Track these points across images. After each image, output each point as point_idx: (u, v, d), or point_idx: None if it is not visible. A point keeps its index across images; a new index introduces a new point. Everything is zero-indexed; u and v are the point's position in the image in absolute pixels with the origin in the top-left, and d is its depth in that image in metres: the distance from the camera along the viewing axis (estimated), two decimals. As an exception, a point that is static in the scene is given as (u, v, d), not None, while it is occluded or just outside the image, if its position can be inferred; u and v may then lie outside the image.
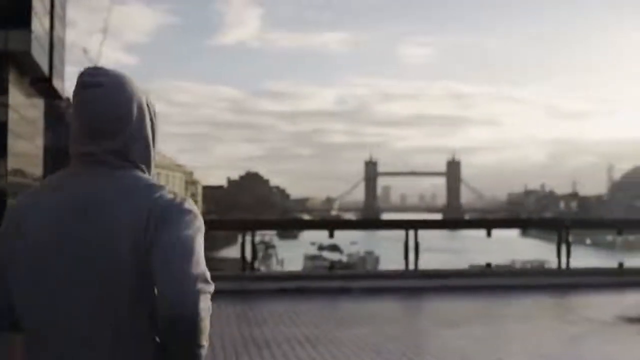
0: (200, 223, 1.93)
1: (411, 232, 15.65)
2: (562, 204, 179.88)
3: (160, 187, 1.97)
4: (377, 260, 76.07)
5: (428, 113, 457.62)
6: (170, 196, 1.95)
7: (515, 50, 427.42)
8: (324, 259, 74.62)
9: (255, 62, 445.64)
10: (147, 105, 2.07)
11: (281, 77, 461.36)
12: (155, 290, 1.84)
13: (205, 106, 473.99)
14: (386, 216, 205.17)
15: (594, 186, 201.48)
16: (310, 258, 75.55)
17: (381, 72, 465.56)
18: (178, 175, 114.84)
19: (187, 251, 1.83)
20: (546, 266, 58.55)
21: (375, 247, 79.99)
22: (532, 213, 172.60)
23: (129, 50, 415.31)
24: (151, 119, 2.07)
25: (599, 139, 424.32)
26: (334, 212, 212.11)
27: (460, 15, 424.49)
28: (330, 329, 9.94)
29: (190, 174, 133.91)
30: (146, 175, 2.02)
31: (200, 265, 1.83)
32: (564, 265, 15.63)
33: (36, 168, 43.97)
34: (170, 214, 1.90)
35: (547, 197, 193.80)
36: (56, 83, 42.61)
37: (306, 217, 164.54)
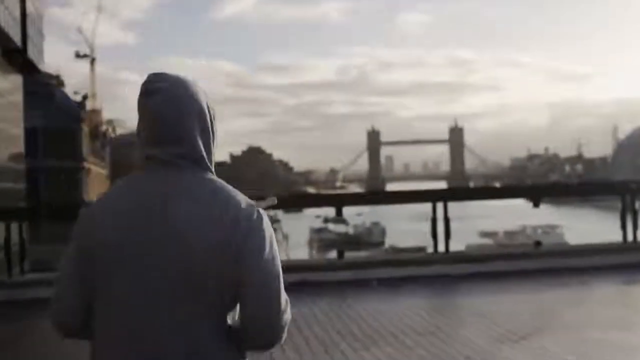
0: (272, 233, 2.01)
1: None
2: (567, 167, 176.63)
3: (235, 193, 2.01)
4: (383, 231, 73.79)
5: (429, 81, 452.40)
6: (247, 205, 1.98)
7: (515, 14, 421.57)
8: (330, 232, 72.43)
9: (254, 35, 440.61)
10: (208, 107, 2.10)
11: (281, 50, 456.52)
12: (239, 305, 1.95)
13: (205, 82, 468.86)
14: (390, 186, 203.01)
15: (599, 148, 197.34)
16: (315, 231, 73.33)
17: (381, 41, 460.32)
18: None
19: (277, 281, 1.94)
20: (558, 231, 55.95)
21: (381, 218, 77.20)
22: (536, 177, 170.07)
23: (127, 28, 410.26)
24: (211, 121, 2.09)
25: (600, 100, 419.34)
26: (338, 184, 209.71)
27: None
28: (342, 349, 6.94)
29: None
30: (216, 178, 2.04)
31: (284, 293, 1.96)
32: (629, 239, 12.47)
33: (15, 148, 40.82)
34: (255, 230, 1.95)
35: (551, 160, 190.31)
36: (32, 55, 39.21)
37: (310, 189, 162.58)
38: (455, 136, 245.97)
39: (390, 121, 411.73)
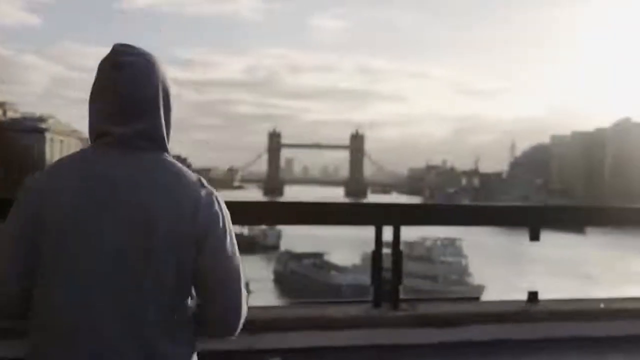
0: (229, 217, 1.99)
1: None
2: (463, 180, 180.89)
3: (193, 178, 1.96)
4: (279, 234, 73.07)
5: (337, 87, 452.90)
6: (207, 194, 1.95)
7: (427, 26, 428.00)
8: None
9: (165, 28, 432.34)
10: (168, 86, 2.04)
11: (189, 44, 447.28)
12: (201, 294, 1.95)
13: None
14: (289, 188, 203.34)
15: (495, 163, 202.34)
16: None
17: (293, 43, 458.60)
18: (73, 141, 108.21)
19: (238, 270, 1.96)
20: (457, 244, 55.47)
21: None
22: (433, 188, 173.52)
23: (32, 10, 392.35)
24: (170, 100, 2.04)
25: (501, 117, 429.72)
26: (236, 183, 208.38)
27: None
28: None
29: (87, 140, 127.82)
30: (174, 160, 1.99)
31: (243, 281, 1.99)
32: None
33: None
34: (215, 222, 1.93)
35: (448, 173, 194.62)
36: None
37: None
38: (356, 143, 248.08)
39: (295, 124, 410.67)
